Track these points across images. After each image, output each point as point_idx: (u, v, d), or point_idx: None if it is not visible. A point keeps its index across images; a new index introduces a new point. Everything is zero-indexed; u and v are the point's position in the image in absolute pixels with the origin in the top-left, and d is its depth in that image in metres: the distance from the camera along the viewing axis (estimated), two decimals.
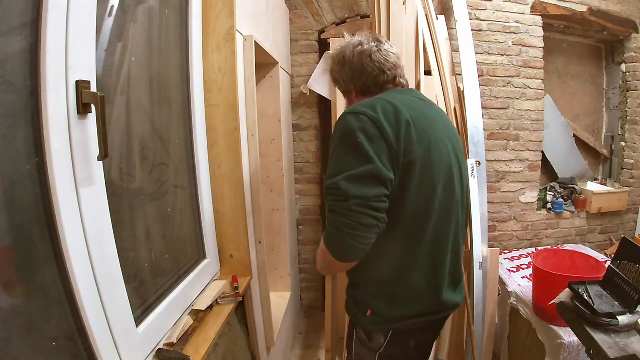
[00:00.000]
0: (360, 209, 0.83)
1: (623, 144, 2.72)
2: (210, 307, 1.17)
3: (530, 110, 2.50)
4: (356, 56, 1.03)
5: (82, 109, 0.69)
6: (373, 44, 1.03)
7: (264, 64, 1.95)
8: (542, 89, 2.49)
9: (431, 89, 2.11)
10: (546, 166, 2.73)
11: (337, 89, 1.18)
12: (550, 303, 1.23)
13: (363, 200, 0.83)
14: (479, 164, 1.95)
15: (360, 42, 1.04)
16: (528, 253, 2.39)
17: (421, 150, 0.91)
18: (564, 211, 2.60)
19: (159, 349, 0.94)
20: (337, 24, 2.45)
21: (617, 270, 1.13)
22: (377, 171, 0.84)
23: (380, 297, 0.98)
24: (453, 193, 1.00)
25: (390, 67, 1.03)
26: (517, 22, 2.42)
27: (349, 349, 1.14)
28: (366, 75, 1.03)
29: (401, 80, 1.07)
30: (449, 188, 0.98)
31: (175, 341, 0.98)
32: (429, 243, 0.96)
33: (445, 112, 2.11)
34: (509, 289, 1.96)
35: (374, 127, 0.87)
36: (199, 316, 1.12)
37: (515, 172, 2.55)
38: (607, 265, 1.20)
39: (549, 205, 2.63)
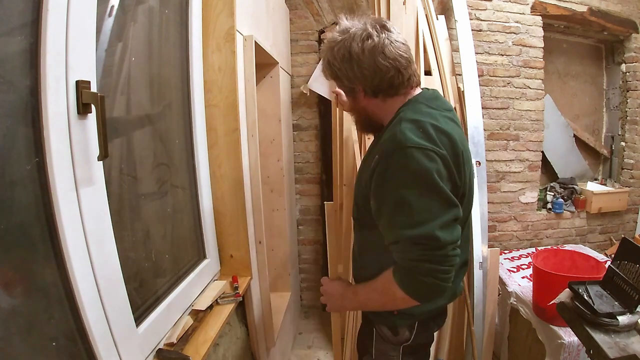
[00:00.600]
0: (454, 252, 0.81)
1: (623, 144, 2.72)
2: (210, 307, 1.17)
3: (530, 110, 2.50)
4: (367, 52, 0.85)
5: (82, 109, 0.69)
6: (383, 35, 0.86)
7: (264, 64, 1.95)
8: (542, 89, 2.49)
9: None
10: (546, 166, 2.73)
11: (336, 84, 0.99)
12: (550, 303, 1.23)
13: (455, 245, 0.81)
14: (479, 164, 1.95)
15: (369, 33, 0.86)
16: (528, 253, 2.39)
17: (467, 179, 0.90)
18: (564, 211, 2.60)
19: (159, 349, 0.94)
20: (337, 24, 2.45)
21: (617, 270, 1.13)
22: (459, 213, 0.82)
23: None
24: (472, 201, 1.00)
25: (406, 65, 0.88)
26: (517, 22, 2.42)
27: (363, 348, 1.13)
28: (380, 76, 0.87)
29: (416, 78, 0.93)
30: (470, 201, 0.98)
31: (175, 341, 0.98)
32: None
33: None
34: (509, 289, 1.96)
35: (445, 167, 0.80)
36: (199, 316, 1.12)
37: (515, 172, 2.55)
38: (607, 265, 1.20)
39: (549, 205, 2.63)
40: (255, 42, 1.46)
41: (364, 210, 0.95)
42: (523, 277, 2.05)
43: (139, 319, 0.89)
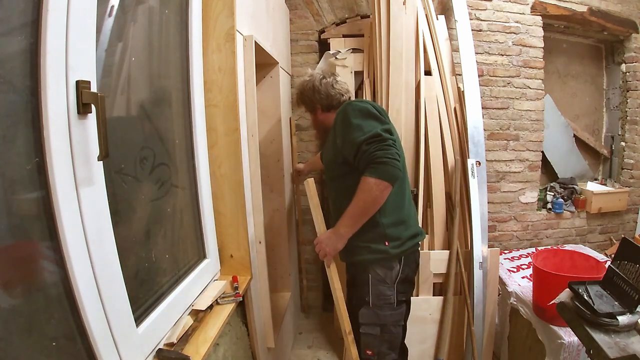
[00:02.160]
0: (394, 145, 1.21)
1: (623, 144, 2.72)
2: (210, 307, 1.17)
3: (530, 110, 2.50)
4: (323, 85, 1.52)
5: (82, 109, 0.69)
6: (331, 78, 1.54)
7: (264, 64, 1.95)
8: (542, 89, 2.49)
9: (431, 89, 2.11)
10: (546, 166, 2.73)
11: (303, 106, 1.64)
12: (550, 303, 1.23)
13: (393, 140, 1.21)
14: (479, 164, 1.95)
15: (323, 75, 1.55)
16: (528, 253, 2.39)
17: (395, 131, 1.33)
18: (564, 211, 2.60)
19: (159, 349, 0.94)
20: (337, 24, 2.45)
21: (617, 270, 1.13)
22: (391, 131, 1.27)
23: (394, 225, 1.32)
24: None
25: (345, 91, 1.55)
26: (517, 22, 2.42)
27: (357, 303, 1.40)
28: (331, 98, 1.53)
29: (351, 97, 1.58)
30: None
31: (175, 341, 0.98)
32: (406, 184, 1.42)
33: (446, 111, 2.12)
34: (509, 289, 1.96)
35: (376, 110, 1.29)
36: (199, 316, 1.12)
37: (515, 172, 2.55)
38: (607, 265, 1.20)
39: (549, 205, 2.63)
40: (255, 42, 1.46)
41: (334, 164, 1.39)
42: (523, 277, 2.05)
43: (139, 319, 0.89)
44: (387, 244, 1.31)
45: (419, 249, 1.50)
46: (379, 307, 1.34)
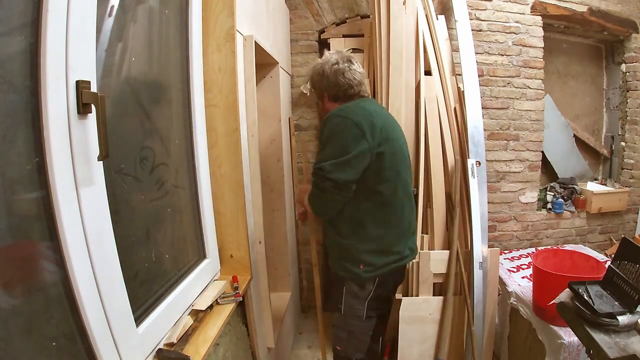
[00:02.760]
0: (336, 183, 1.22)
1: (623, 144, 2.72)
2: (210, 307, 1.17)
3: (530, 110, 2.50)
4: (332, 72, 1.37)
5: (82, 109, 0.69)
6: (346, 64, 1.37)
7: (264, 64, 1.95)
8: (542, 89, 2.49)
9: (431, 89, 2.11)
10: (546, 166, 2.73)
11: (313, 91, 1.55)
12: (550, 303, 1.23)
13: (338, 181, 1.21)
14: (479, 164, 1.95)
15: (336, 60, 1.37)
16: (528, 253, 2.39)
17: (388, 146, 1.28)
18: (564, 211, 2.60)
19: (159, 348, 0.94)
20: (337, 24, 2.45)
21: (617, 270, 1.13)
22: (357, 157, 1.22)
23: (370, 253, 1.33)
24: (408, 173, 1.43)
25: (356, 84, 1.38)
26: (517, 22, 2.42)
27: (333, 306, 1.47)
28: (338, 87, 1.38)
29: (364, 93, 1.42)
30: (405, 171, 1.40)
31: (175, 341, 0.98)
32: (397, 209, 1.36)
33: (446, 111, 2.12)
34: (509, 289, 1.96)
35: (357, 128, 1.22)
36: (199, 316, 1.12)
37: (515, 172, 2.55)
38: (607, 265, 1.20)
39: (549, 205, 2.63)
40: (255, 42, 1.46)
41: None
42: (523, 277, 2.05)
43: (139, 319, 0.89)
44: (361, 267, 1.34)
45: (405, 265, 1.49)
46: (349, 316, 1.42)
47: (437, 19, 2.23)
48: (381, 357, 1.60)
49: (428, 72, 2.14)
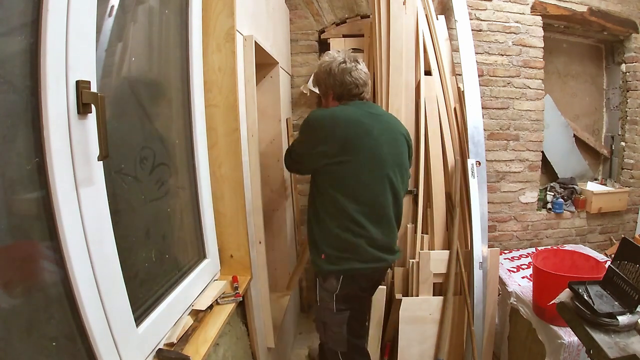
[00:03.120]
0: (293, 162, 1.52)
1: (623, 144, 2.72)
2: (210, 307, 1.17)
3: (530, 110, 2.50)
4: (339, 71, 1.39)
5: (82, 109, 0.69)
6: (353, 63, 1.40)
7: (264, 64, 1.95)
8: (542, 89, 2.49)
9: (431, 89, 2.11)
10: (546, 166, 2.73)
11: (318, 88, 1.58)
12: (550, 303, 1.23)
13: (291, 162, 1.54)
14: (479, 164, 1.95)
15: (344, 59, 1.40)
16: (528, 253, 2.39)
17: (357, 151, 1.31)
18: (564, 211, 2.60)
19: (159, 349, 0.94)
20: (337, 24, 2.45)
21: (617, 270, 1.13)
22: (311, 155, 1.37)
23: (330, 247, 1.37)
24: (382, 182, 1.36)
25: (361, 84, 1.41)
26: (517, 22, 2.42)
27: (311, 299, 1.56)
28: (344, 86, 1.40)
29: (366, 95, 1.45)
30: (378, 178, 1.36)
31: (175, 341, 0.98)
32: (362, 215, 1.33)
33: (446, 111, 2.12)
34: (509, 289, 1.96)
35: (321, 131, 1.32)
36: (199, 316, 1.12)
37: (515, 172, 2.55)
38: (607, 265, 1.20)
39: (549, 205, 2.63)
40: (255, 42, 1.46)
41: None
42: (523, 277, 2.05)
43: (139, 319, 0.89)
44: (322, 257, 1.38)
45: (378, 272, 1.50)
46: (322, 308, 1.46)
47: (437, 19, 2.23)
48: (368, 354, 1.58)
49: (428, 72, 2.14)
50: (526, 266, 2.19)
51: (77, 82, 0.67)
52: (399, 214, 1.48)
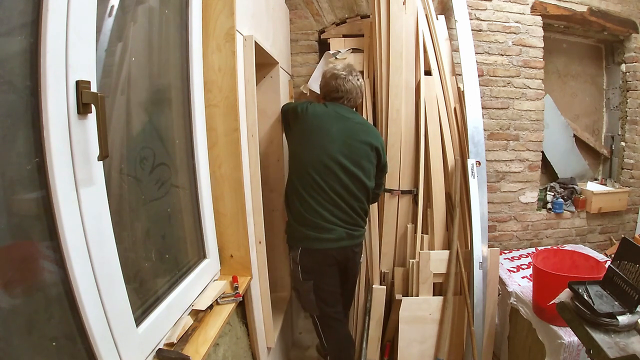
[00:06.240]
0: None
1: (623, 144, 2.72)
2: (210, 307, 1.17)
3: (530, 110, 2.50)
4: (329, 75, 1.70)
5: (82, 109, 0.69)
6: (343, 72, 1.67)
7: (264, 64, 1.95)
8: (542, 89, 2.49)
9: (431, 89, 2.11)
10: (546, 166, 2.73)
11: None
12: (550, 303, 1.23)
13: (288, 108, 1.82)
14: (479, 164, 1.95)
15: (339, 68, 1.70)
16: (528, 253, 2.39)
17: (312, 137, 1.59)
18: (564, 211, 2.60)
19: (159, 348, 0.94)
20: (337, 24, 2.45)
21: (617, 270, 1.13)
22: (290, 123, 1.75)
23: (292, 220, 1.63)
24: (332, 171, 1.57)
25: (343, 90, 1.67)
26: (517, 22, 2.42)
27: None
28: (327, 88, 1.71)
29: (345, 101, 1.69)
30: (327, 168, 1.57)
31: (175, 341, 0.98)
32: (318, 199, 1.56)
33: (446, 112, 2.11)
34: (509, 289, 1.96)
35: (292, 113, 1.71)
36: (199, 316, 1.12)
37: (515, 172, 2.55)
38: (607, 265, 1.20)
39: (549, 205, 2.63)
40: (255, 42, 1.45)
41: None
42: (523, 277, 2.05)
43: (139, 318, 0.89)
44: (286, 220, 1.67)
45: (335, 251, 1.60)
46: (292, 277, 1.70)
47: (437, 19, 2.23)
48: (343, 319, 1.77)
49: (428, 72, 2.14)
50: (526, 266, 2.19)
51: (77, 82, 0.67)
52: (353, 207, 1.62)
